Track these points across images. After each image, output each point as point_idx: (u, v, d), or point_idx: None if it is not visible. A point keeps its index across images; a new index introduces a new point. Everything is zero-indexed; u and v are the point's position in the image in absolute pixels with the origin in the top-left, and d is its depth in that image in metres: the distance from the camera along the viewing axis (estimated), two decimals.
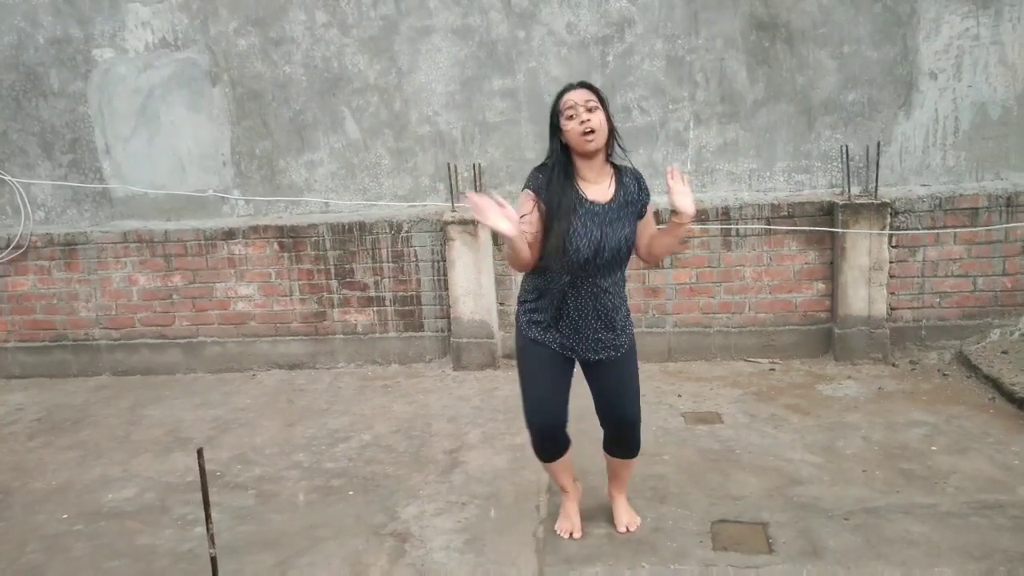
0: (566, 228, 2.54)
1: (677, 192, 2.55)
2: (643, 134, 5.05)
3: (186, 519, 3.34)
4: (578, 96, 2.53)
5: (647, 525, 3.03)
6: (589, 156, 2.60)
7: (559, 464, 2.90)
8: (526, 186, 2.64)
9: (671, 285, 5.00)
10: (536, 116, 5.08)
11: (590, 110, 2.52)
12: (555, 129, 2.60)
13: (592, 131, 2.52)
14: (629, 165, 2.73)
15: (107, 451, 4.16)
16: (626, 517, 3.01)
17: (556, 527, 3.02)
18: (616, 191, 2.63)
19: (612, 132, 2.62)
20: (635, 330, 2.85)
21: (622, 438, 2.86)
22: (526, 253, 2.53)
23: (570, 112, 2.52)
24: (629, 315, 2.82)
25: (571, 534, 2.97)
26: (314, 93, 5.25)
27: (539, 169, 2.66)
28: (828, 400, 4.27)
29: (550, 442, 2.82)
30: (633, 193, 2.66)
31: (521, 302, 2.80)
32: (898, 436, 3.75)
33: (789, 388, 4.49)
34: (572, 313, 2.67)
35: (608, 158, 2.67)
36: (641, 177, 2.72)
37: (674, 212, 2.57)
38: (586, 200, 2.59)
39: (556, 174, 2.58)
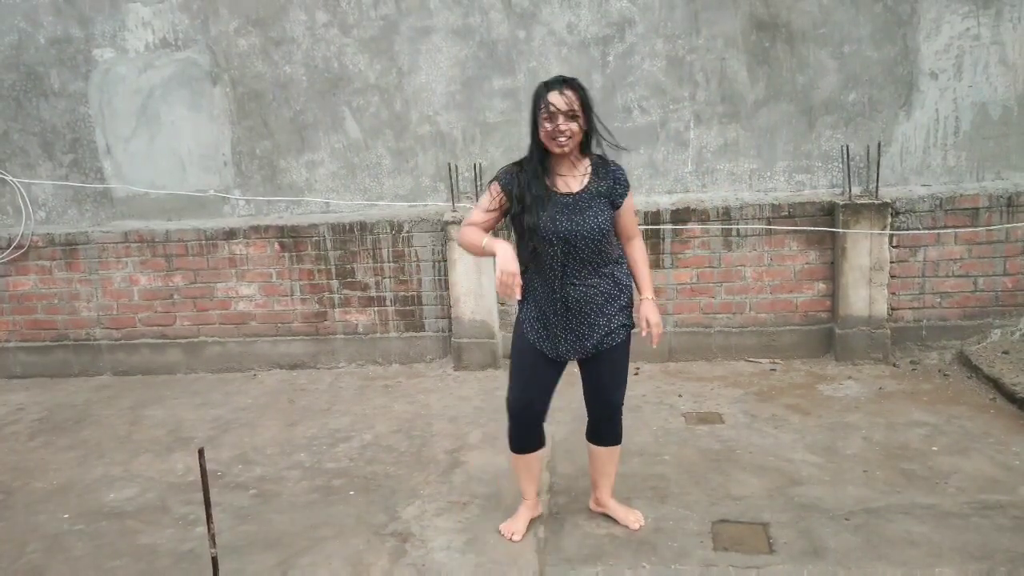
0: (535, 222, 2.65)
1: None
2: (643, 134, 5.05)
3: (187, 519, 3.35)
4: (561, 102, 2.58)
5: (648, 525, 3.03)
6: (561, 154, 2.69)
7: (530, 458, 2.96)
8: (495, 178, 2.76)
9: (672, 285, 5.00)
10: None
11: (570, 118, 2.59)
12: (534, 115, 2.66)
13: (566, 138, 2.60)
14: (611, 161, 2.79)
15: (108, 451, 4.16)
16: (631, 514, 3.05)
17: (501, 526, 3.06)
18: (589, 182, 2.72)
19: (590, 134, 2.69)
20: (636, 330, 2.84)
21: (605, 422, 2.94)
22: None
23: (549, 115, 2.59)
24: (629, 305, 2.85)
25: (512, 536, 2.99)
26: (315, 93, 5.25)
27: (515, 163, 2.76)
28: (829, 400, 4.27)
29: (526, 430, 2.91)
30: (608, 184, 2.72)
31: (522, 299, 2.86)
32: (899, 436, 3.75)
33: (790, 388, 4.49)
34: (562, 307, 2.74)
35: (584, 153, 2.74)
36: (620, 172, 2.77)
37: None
38: (555, 193, 2.69)
39: (530, 170, 2.69)
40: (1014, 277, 4.77)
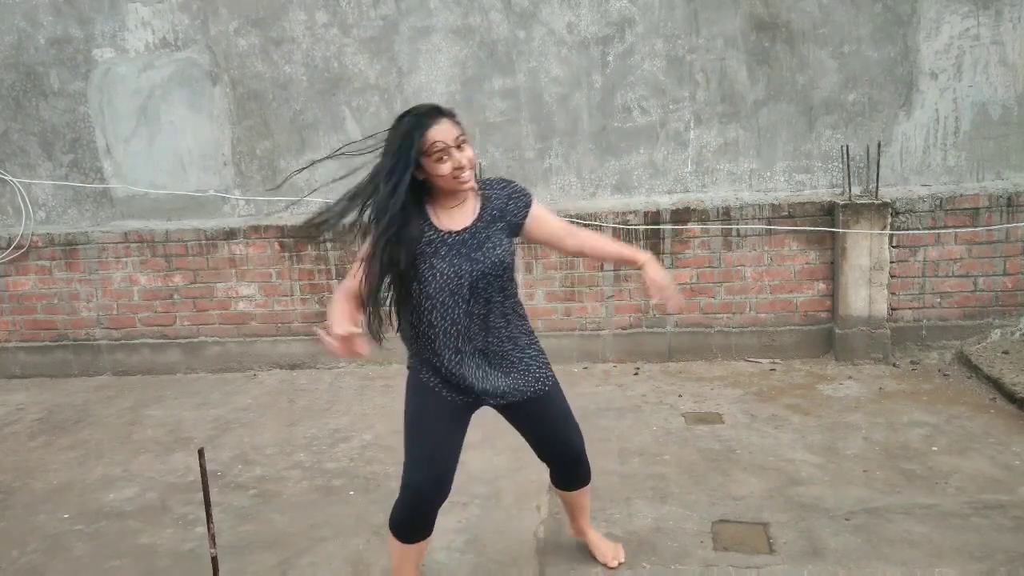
0: (429, 273, 2.28)
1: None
2: (643, 134, 5.05)
3: (187, 519, 3.35)
4: (446, 135, 2.18)
5: (648, 525, 3.03)
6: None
7: (417, 548, 2.40)
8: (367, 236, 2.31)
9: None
10: (536, 116, 5.08)
11: (460, 147, 2.20)
12: (405, 163, 2.23)
13: (470, 170, 2.22)
14: (498, 178, 2.43)
15: (108, 451, 4.16)
16: (611, 550, 2.81)
17: None
18: (481, 209, 2.32)
19: None
20: (636, 330, 2.83)
21: (572, 470, 2.62)
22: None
23: (441, 155, 2.18)
24: (536, 342, 2.49)
25: None
26: (315, 93, 5.25)
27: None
28: (829, 400, 4.27)
29: (421, 516, 2.33)
30: (502, 203, 2.33)
31: (410, 362, 2.47)
32: (899, 436, 3.75)
33: (790, 388, 4.49)
34: (470, 360, 2.35)
35: None
36: (510, 186, 2.38)
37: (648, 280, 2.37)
38: (445, 233, 2.28)
39: (397, 217, 2.23)
40: (1014, 277, 4.77)
